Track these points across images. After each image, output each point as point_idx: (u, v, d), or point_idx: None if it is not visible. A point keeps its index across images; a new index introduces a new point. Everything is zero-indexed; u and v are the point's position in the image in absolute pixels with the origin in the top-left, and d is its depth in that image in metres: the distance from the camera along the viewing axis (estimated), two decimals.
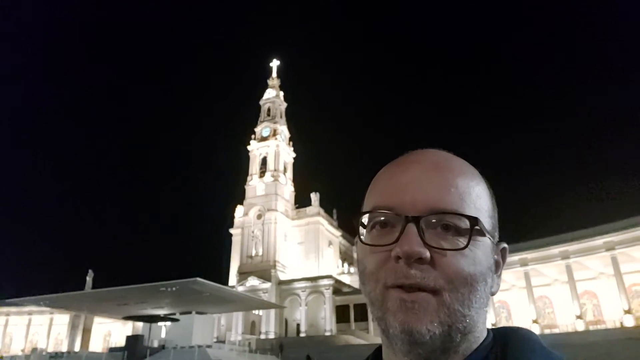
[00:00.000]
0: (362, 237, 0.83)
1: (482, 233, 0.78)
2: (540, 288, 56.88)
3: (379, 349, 0.90)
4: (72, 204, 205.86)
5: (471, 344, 0.79)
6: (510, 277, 57.02)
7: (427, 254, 0.74)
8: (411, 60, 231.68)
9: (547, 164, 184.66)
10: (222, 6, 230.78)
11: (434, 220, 0.76)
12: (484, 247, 0.79)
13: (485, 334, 0.83)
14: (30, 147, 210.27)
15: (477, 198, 0.81)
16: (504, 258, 0.86)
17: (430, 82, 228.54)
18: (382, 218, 0.80)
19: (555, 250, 54.08)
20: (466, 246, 0.75)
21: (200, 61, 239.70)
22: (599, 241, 50.87)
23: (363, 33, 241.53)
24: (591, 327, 49.86)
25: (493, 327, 0.84)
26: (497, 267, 0.84)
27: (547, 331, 52.41)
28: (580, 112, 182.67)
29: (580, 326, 49.71)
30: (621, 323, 47.03)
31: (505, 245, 0.87)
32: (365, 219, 0.83)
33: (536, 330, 50.52)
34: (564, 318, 54.13)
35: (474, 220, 0.77)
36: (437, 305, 0.73)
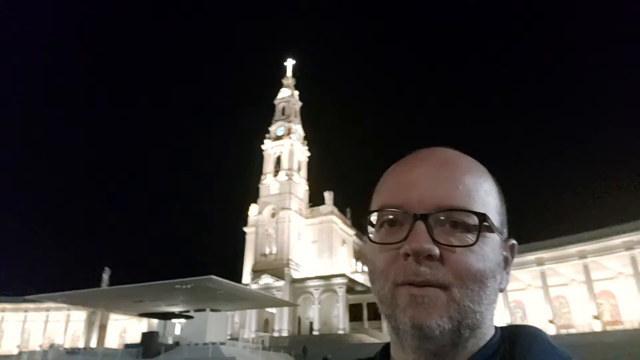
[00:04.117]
0: (371, 236, 0.82)
1: (490, 229, 0.78)
2: (556, 288, 56.18)
3: (386, 347, 0.90)
4: (89, 203, 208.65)
5: (479, 340, 0.79)
6: (526, 276, 56.41)
7: (436, 250, 0.74)
8: (427, 60, 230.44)
9: (565, 161, 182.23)
10: (238, 5, 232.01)
11: (442, 218, 0.76)
12: (492, 244, 0.79)
13: (493, 331, 0.83)
14: (48, 146, 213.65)
15: (485, 195, 0.81)
16: (513, 254, 0.86)
17: (447, 80, 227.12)
18: (390, 216, 0.80)
19: (573, 249, 53.35)
20: (475, 243, 0.75)
21: (215, 61, 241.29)
22: (618, 240, 50.08)
23: (378, 32, 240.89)
24: (608, 328, 49.09)
25: (506, 325, 0.83)
26: (506, 263, 0.84)
27: (563, 331, 51.73)
28: (599, 108, 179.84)
29: (597, 327, 48.99)
30: None
31: (514, 241, 0.87)
32: (373, 217, 0.83)
33: (552, 330, 49.94)
34: (581, 318, 53.37)
35: (482, 217, 0.77)
36: (447, 301, 0.73)
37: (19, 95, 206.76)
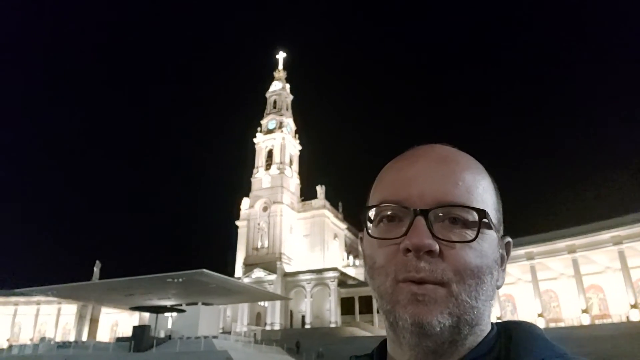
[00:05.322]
0: (369, 230, 0.83)
1: (489, 226, 0.79)
2: (546, 282, 56.73)
3: (383, 343, 0.90)
4: (79, 196, 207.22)
5: (477, 337, 0.79)
6: (516, 270, 56.88)
7: (436, 246, 0.74)
8: (418, 53, 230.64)
9: (554, 157, 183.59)
10: None
11: (441, 214, 0.77)
12: (490, 240, 0.80)
13: (489, 327, 0.83)
14: (38, 142, 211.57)
15: (484, 192, 0.82)
16: (508, 252, 0.87)
17: (438, 76, 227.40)
18: (390, 212, 0.80)
19: (562, 244, 53.84)
20: (474, 239, 0.76)
21: (206, 54, 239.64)
22: (606, 235, 50.58)
23: (369, 25, 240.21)
24: (597, 321, 49.72)
25: (498, 320, 0.86)
26: (502, 261, 0.85)
27: (552, 325, 52.28)
28: (587, 105, 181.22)
29: (585, 320, 49.60)
30: (627, 317, 46.83)
31: (509, 239, 0.88)
32: (372, 213, 0.83)
33: (541, 324, 50.45)
34: (570, 312, 54.01)
35: (482, 213, 0.77)
36: (446, 296, 0.74)
37: (20, 90, 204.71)
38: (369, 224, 0.83)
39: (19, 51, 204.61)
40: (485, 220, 0.78)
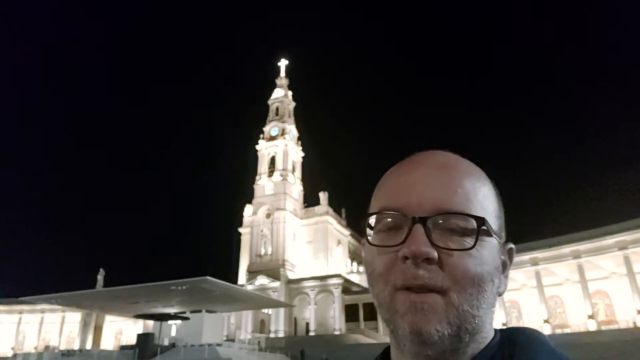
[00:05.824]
0: (369, 238, 0.83)
1: (488, 233, 0.79)
2: (551, 287, 56.42)
3: (387, 350, 0.90)
4: (83, 204, 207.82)
5: (479, 344, 0.79)
6: (521, 276, 56.62)
7: (435, 254, 0.74)
8: (421, 60, 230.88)
9: (558, 161, 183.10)
10: (231, 5, 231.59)
11: (440, 221, 0.77)
12: (490, 248, 0.79)
13: (492, 334, 0.83)
14: (40, 148, 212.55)
15: (484, 199, 0.81)
16: (511, 258, 0.87)
17: (439, 79, 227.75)
18: (389, 219, 0.80)
19: (567, 249, 53.60)
20: (473, 246, 0.76)
21: (208, 61, 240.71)
22: (611, 240, 50.36)
23: (372, 32, 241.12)
24: (603, 327, 49.34)
25: (503, 326, 0.85)
26: (504, 267, 0.85)
27: (558, 331, 51.96)
28: (592, 110, 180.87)
29: (592, 326, 49.23)
30: (634, 323, 46.52)
31: (512, 245, 0.87)
32: (372, 220, 0.83)
33: (547, 330, 50.15)
34: (576, 318, 53.63)
35: (481, 221, 0.77)
36: (446, 306, 0.74)
37: (20, 91, 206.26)
38: (370, 231, 0.83)
39: (19, 51, 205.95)
40: (484, 227, 0.77)
